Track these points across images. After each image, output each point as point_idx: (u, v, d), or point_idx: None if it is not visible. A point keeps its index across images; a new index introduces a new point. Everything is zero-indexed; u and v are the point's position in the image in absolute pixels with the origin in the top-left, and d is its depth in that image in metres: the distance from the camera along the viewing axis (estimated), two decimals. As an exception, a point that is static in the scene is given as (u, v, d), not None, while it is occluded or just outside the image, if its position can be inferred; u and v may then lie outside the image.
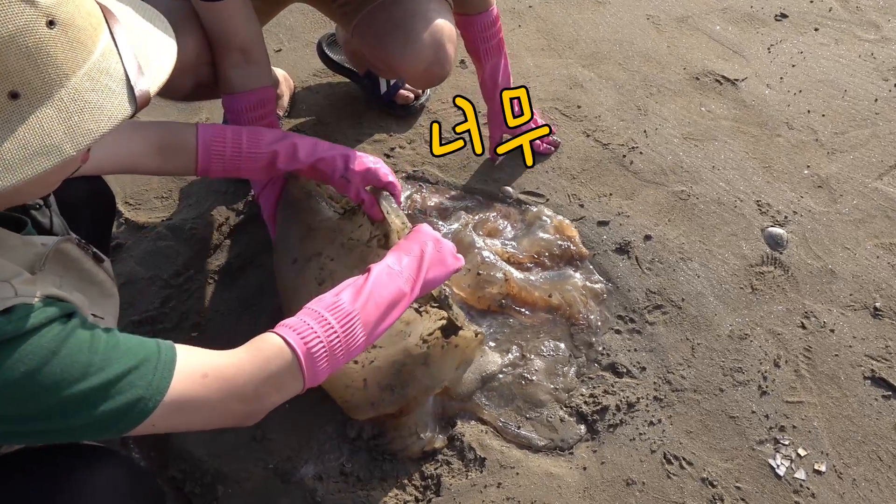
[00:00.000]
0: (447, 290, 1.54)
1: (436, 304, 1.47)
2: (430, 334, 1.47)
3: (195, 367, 0.95)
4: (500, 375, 1.60)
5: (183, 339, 1.68)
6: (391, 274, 1.18)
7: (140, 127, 1.28)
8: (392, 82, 2.10)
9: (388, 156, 2.03)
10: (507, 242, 1.82)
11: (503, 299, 1.69)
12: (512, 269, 1.73)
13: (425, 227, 1.34)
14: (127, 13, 0.92)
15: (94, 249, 1.09)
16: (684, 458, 1.53)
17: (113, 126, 0.81)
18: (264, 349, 1.01)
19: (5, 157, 0.74)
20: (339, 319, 1.07)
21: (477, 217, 1.86)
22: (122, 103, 0.82)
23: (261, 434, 1.53)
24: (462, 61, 2.35)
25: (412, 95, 2.13)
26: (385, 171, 1.46)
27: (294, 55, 2.36)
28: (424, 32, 1.66)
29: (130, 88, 0.83)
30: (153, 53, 0.89)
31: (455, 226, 1.81)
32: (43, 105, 0.77)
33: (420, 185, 1.94)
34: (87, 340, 0.86)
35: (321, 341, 1.04)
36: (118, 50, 0.84)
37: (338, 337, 1.06)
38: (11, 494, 0.92)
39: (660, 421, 1.58)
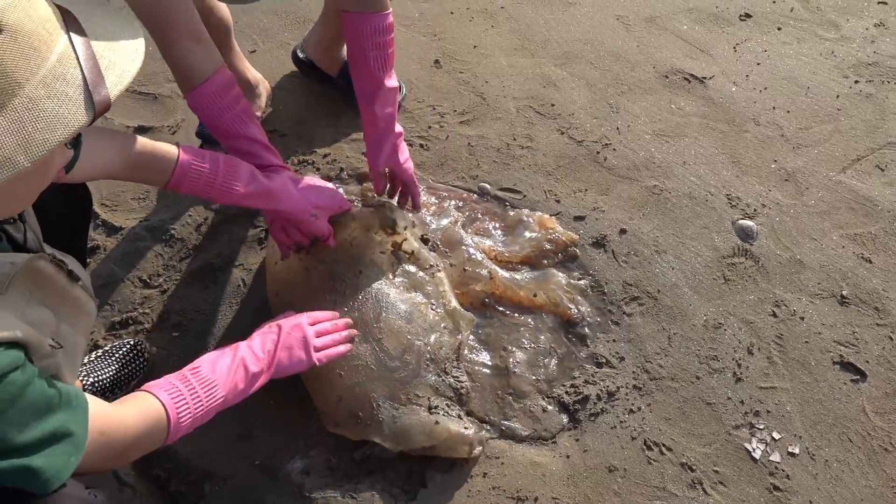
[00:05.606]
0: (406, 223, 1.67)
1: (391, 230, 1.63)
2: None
3: (95, 425, 0.99)
4: (484, 368, 1.63)
5: (164, 338, 1.68)
6: (255, 359, 1.31)
7: (118, 137, 1.24)
8: None
9: (364, 153, 2.04)
10: (496, 242, 1.85)
11: (487, 297, 1.72)
12: (498, 268, 1.76)
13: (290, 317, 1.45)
14: (90, 16, 0.89)
15: (70, 267, 1.07)
16: (664, 445, 1.58)
17: (69, 135, 0.78)
18: (150, 417, 1.11)
19: None
20: (207, 395, 1.20)
21: (465, 215, 1.89)
22: (78, 110, 0.79)
23: (246, 432, 1.54)
24: (436, 61, 2.38)
25: None
26: (343, 201, 1.57)
27: (268, 56, 2.37)
28: None
29: (89, 94, 0.80)
30: (116, 57, 0.87)
31: (444, 222, 1.83)
32: None
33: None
34: (39, 394, 0.89)
35: (190, 414, 1.17)
36: (76, 54, 0.82)
37: (203, 411, 1.19)
38: None
39: (639, 409, 1.63)
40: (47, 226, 1.12)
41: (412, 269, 1.64)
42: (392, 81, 1.62)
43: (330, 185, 1.56)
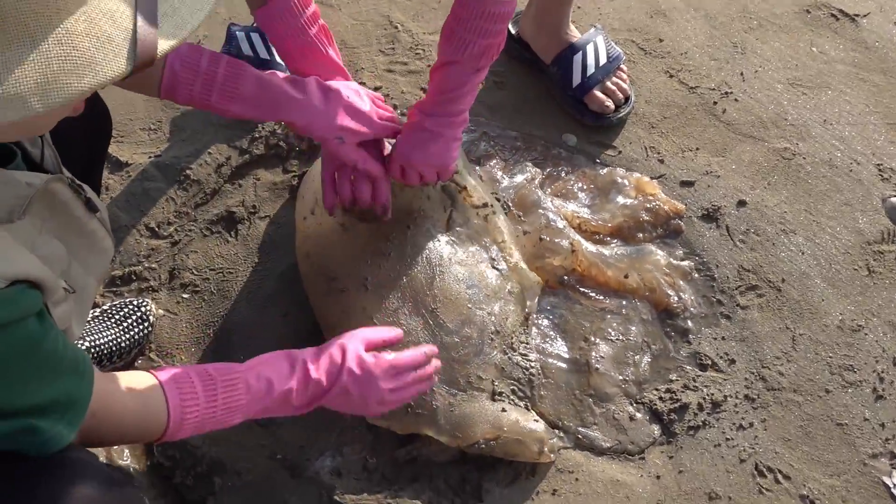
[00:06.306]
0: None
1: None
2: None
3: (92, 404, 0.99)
4: (560, 362, 1.61)
5: (172, 300, 1.69)
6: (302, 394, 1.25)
7: None
8: (588, 74, 1.95)
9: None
10: (581, 207, 1.82)
11: (566, 275, 1.69)
12: (582, 240, 1.73)
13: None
14: None
15: (88, 195, 1.08)
16: (780, 471, 1.54)
17: (97, 85, 0.74)
18: (148, 415, 1.10)
19: None
20: (224, 413, 1.16)
21: (545, 172, 1.86)
22: (116, 58, 0.74)
23: (268, 418, 1.53)
24: None
25: (611, 105, 1.96)
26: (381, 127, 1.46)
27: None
28: None
29: (135, 42, 0.75)
30: (181, 2, 0.81)
31: (519, 179, 1.80)
32: (19, 44, 0.70)
33: (472, 129, 1.91)
34: (52, 351, 0.91)
35: (197, 421, 1.13)
36: None
37: (211, 425, 1.16)
38: None
39: (751, 425, 1.59)
40: (61, 151, 1.12)
41: (468, 219, 1.64)
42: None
43: (367, 99, 1.45)
